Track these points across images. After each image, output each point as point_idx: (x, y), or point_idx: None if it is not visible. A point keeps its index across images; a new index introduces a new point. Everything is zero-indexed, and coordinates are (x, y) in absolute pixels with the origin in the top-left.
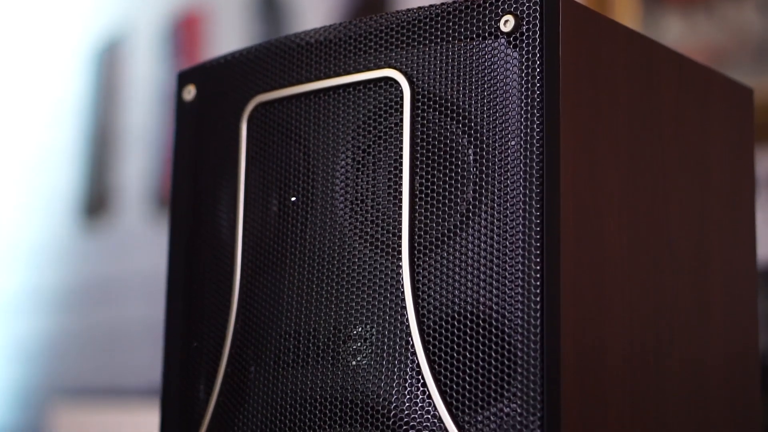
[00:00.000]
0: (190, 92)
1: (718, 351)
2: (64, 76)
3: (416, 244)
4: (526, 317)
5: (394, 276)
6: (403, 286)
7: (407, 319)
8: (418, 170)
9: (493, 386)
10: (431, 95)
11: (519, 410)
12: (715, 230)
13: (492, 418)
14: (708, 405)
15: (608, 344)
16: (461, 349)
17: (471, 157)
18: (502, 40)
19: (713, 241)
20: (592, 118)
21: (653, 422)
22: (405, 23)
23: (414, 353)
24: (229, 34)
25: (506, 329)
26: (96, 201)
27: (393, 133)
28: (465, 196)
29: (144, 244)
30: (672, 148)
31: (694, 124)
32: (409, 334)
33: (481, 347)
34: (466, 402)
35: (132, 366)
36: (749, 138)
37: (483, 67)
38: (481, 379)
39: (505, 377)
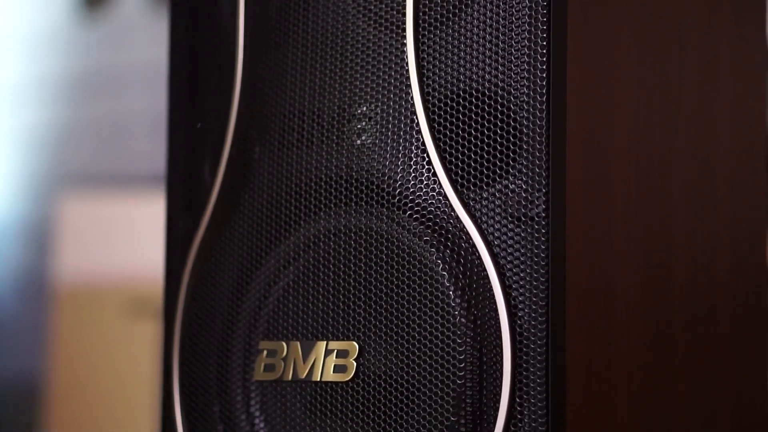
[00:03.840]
0: None
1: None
2: None
3: (421, 21)
4: (531, 93)
5: (399, 54)
6: (407, 63)
7: (412, 98)
8: None
9: (498, 163)
10: None
11: (524, 186)
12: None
13: (497, 194)
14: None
15: (615, 130)
16: (466, 127)
17: None
18: None
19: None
20: None
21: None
22: None
23: (419, 131)
24: None
25: (512, 106)
26: None
27: None
28: None
29: (145, 33)
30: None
31: None
32: (414, 113)
33: (486, 124)
34: (471, 179)
35: (137, 155)
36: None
37: None
38: (486, 156)
39: (510, 154)
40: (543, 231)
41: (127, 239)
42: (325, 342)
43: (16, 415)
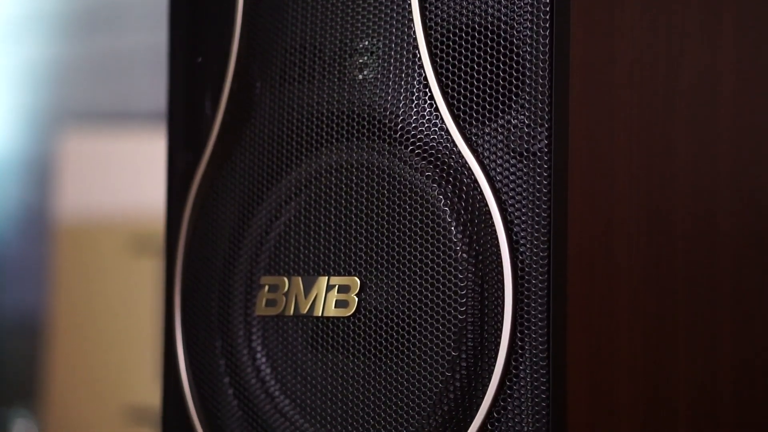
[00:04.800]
0: None
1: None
2: None
3: None
4: (535, 28)
5: None
6: None
7: (414, 32)
8: None
9: (501, 98)
10: None
11: (527, 121)
12: None
13: (500, 129)
14: None
15: (618, 64)
16: (469, 62)
17: None
18: None
19: None
20: None
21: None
22: None
23: (421, 66)
24: None
25: (515, 40)
26: None
27: None
28: None
29: None
30: None
31: None
32: (416, 47)
33: (489, 59)
34: (474, 114)
35: (137, 90)
36: None
37: None
38: (488, 91)
39: (513, 89)
40: (545, 166)
41: (129, 176)
42: (326, 277)
43: (18, 351)
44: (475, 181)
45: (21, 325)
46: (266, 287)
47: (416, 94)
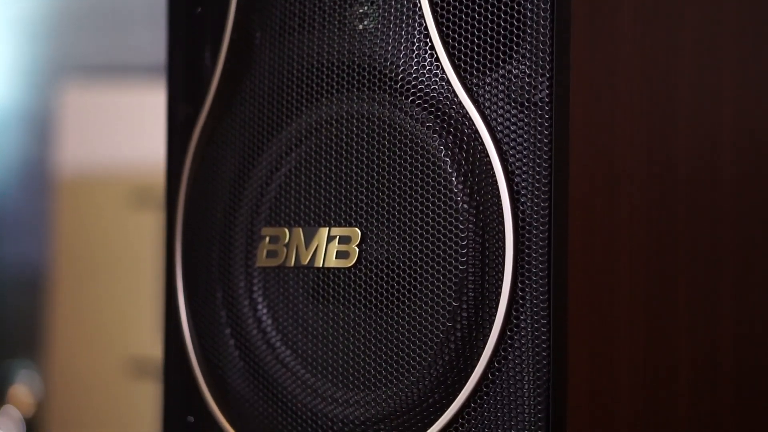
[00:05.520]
0: None
1: None
2: None
3: None
4: None
5: None
6: None
7: None
8: None
9: (502, 47)
10: None
11: (528, 71)
12: None
13: (500, 79)
14: None
15: (620, 13)
16: (470, 11)
17: None
18: None
19: None
20: None
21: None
22: None
23: (422, 15)
24: None
25: None
26: None
27: None
28: None
29: None
30: None
31: None
32: None
33: (489, 8)
34: (475, 64)
35: (138, 43)
36: None
37: None
38: (489, 40)
39: (514, 38)
40: (546, 116)
41: (129, 128)
42: (327, 228)
43: (20, 304)
44: (476, 131)
45: (23, 278)
46: (267, 238)
47: (417, 44)
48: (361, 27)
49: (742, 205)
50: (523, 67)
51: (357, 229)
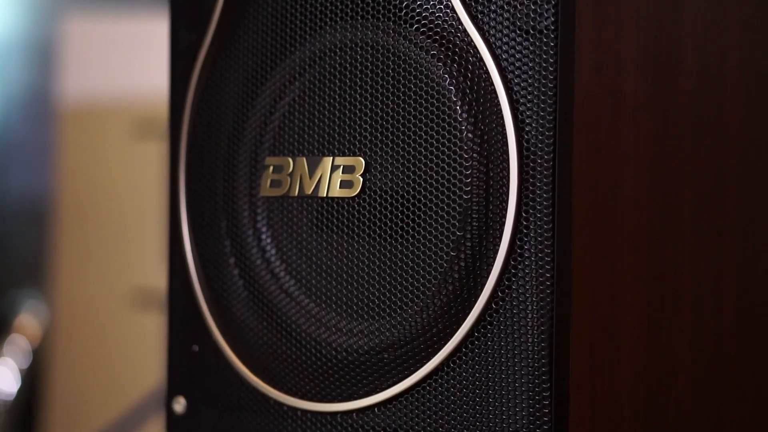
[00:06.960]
0: None
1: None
2: None
3: None
4: None
5: None
6: None
7: None
8: None
9: None
10: None
11: None
12: None
13: (506, 6)
14: None
15: None
16: None
17: None
18: None
19: None
20: None
21: None
22: None
23: None
24: None
25: None
26: None
27: None
28: None
29: None
30: None
31: None
32: None
33: None
34: None
35: None
36: None
37: None
38: None
39: None
40: (552, 44)
41: (133, 58)
42: (331, 158)
43: (25, 234)
44: (481, 59)
45: (27, 208)
46: (271, 168)
47: None
48: None
49: (746, 122)
50: None
51: (361, 159)
